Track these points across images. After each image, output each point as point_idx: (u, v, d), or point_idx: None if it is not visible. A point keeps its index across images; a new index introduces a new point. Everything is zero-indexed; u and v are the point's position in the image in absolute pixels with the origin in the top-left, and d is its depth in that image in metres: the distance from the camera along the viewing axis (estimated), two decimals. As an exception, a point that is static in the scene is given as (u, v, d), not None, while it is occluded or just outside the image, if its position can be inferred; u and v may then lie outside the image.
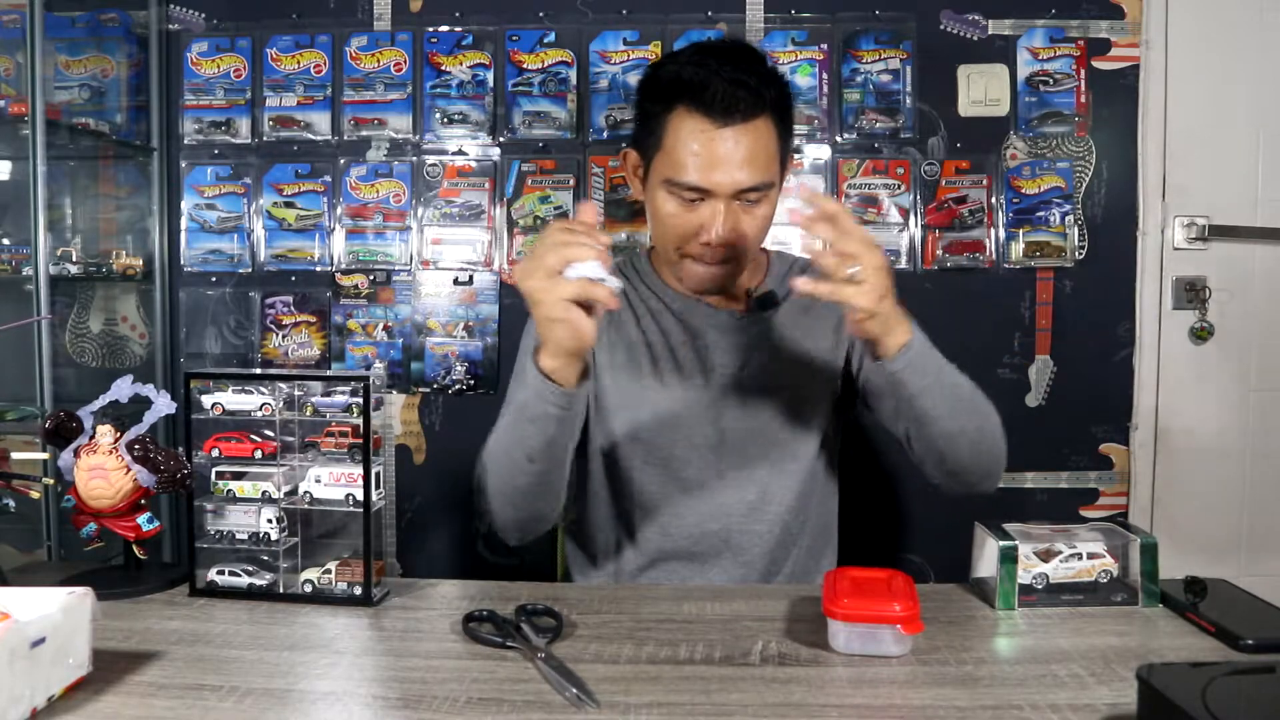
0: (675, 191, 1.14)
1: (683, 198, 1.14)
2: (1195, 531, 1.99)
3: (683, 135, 1.12)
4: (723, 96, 1.10)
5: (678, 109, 1.13)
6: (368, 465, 0.98)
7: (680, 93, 1.13)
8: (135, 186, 2.06)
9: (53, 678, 0.73)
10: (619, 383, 1.26)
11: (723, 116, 1.10)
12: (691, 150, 1.12)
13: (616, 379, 1.26)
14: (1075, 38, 1.97)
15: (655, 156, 1.17)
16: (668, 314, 1.29)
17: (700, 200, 1.14)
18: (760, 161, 1.13)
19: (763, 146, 1.13)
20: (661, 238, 1.22)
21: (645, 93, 1.20)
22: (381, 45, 2.02)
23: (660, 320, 1.28)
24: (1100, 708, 0.74)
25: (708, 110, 1.11)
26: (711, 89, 1.10)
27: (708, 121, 1.11)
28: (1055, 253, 1.98)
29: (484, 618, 0.92)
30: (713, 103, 1.10)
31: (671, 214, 1.16)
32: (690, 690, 0.78)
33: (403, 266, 2.03)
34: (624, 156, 1.26)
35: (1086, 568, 0.98)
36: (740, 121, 1.11)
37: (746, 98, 1.11)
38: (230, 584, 1.01)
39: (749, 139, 1.12)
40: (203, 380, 1.02)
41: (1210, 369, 2.00)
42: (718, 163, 1.11)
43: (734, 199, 1.13)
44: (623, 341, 1.28)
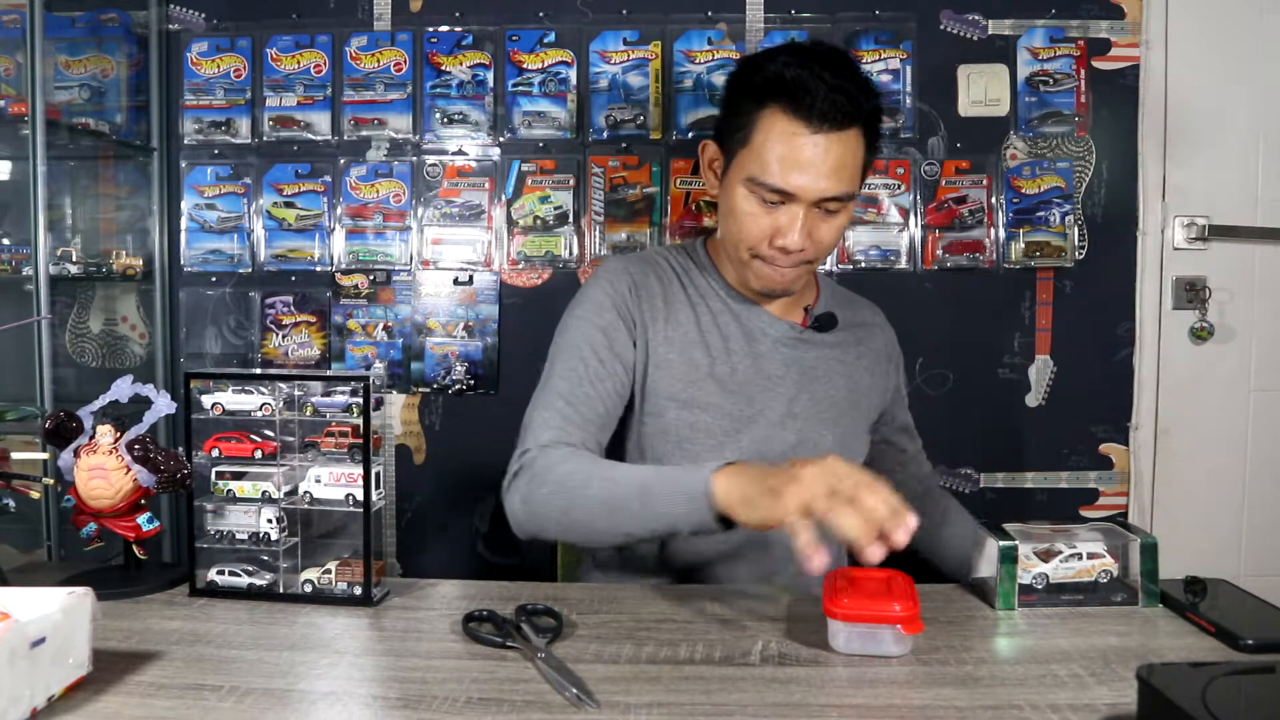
0: (757, 191, 1.13)
1: (763, 198, 1.13)
2: (1195, 531, 1.99)
3: (774, 135, 1.11)
4: (821, 101, 1.08)
5: (771, 107, 1.11)
6: (368, 465, 0.98)
7: (777, 92, 1.11)
8: (135, 186, 2.06)
9: (53, 678, 0.73)
10: (674, 376, 1.23)
11: (818, 122, 1.09)
12: (780, 152, 1.10)
13: (672, 373, 1.23)
14: (1075, 38, 1.97)
15: (740, 152, 1.15)
16: (727, 314, 1.27)
17: (781, 203, 1.13)
18: (847, 172, 1.12)
19: (851, 157, 1.12)
20: (735, 235, 1.19)
21: (738, 87, 1.18)
22: (381, 45, 2.02)
23: (719, 320, 1.26)
24: (1100, 708, 0.74)
25: (805, 114, 1.09)
26: (811, 93, 1.08)
27: (801, 125, 1.09)
28: (1055, 253, 1.98)
29: (484, 618, 0.92)
30: (811, 107, 1.08)
31: (750, 213, 1.15)
32: (690, 690, 0.78)
33: (403, 266, 2.03)
34: (702, 148, 1.25)
35: (1086, 568, 0.98)
36: (832, 129, 1.10)
37: (844, 105, 1.09)
38: (230, 584, 1.01)
39: (839, 148, 1.11)
40: (203, 380, 1.02)
41: (1210, 369, 2.00)
42: (805, 168, 1.10)
43: (814, 206, 1.13)
44: (680, 336, 1.25)
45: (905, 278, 1.98)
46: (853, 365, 1.30)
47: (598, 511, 1.02)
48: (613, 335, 1.22)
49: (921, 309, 1.97)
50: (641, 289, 1.26)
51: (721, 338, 1.25)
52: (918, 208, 1.99)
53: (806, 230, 1.13)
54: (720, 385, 1.23)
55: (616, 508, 1.01)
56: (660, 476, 1.01)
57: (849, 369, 1.30)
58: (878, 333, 1.37)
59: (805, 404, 1.25)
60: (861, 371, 1.31)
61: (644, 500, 0.99)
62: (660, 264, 1.31)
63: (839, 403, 1.28)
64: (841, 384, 1.29)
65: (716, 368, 1.24)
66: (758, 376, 1.24)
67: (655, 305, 1.25)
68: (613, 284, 1.26)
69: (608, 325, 1.22)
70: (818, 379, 1.27)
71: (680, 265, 1.31)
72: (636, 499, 1.00)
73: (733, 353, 1.25)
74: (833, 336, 1.30)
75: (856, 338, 1.33)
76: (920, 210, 1.99)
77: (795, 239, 1.12)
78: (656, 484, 0.99)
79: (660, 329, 1.24)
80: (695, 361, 1.24)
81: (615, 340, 1.22)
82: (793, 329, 1.27)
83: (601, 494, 1.02)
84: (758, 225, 1.15)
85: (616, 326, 1.23)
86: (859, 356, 1.32)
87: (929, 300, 1.98)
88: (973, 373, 2.00)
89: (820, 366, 1.28)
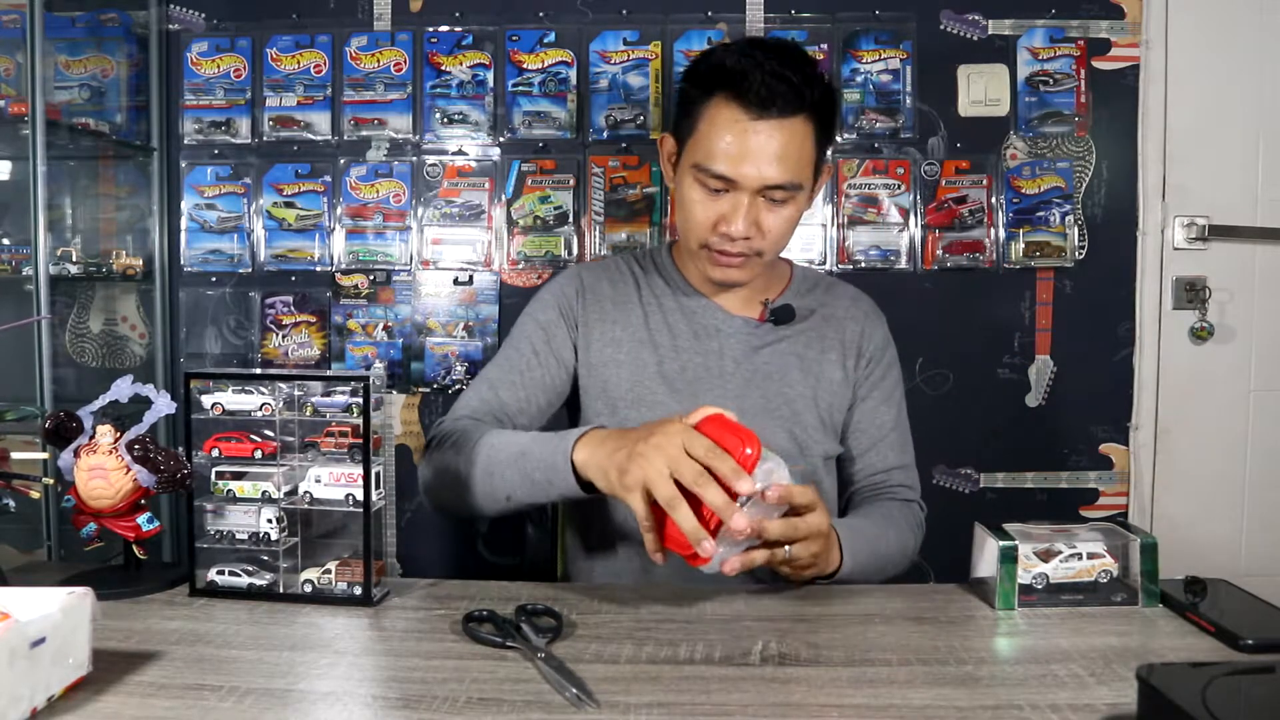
0: (702, 179, 1.14)
1: (708, 186, 1.14)
2: (1195, 531, 1.99)
3: (717, 123, 1.12)
4: (761, 88, 1.09)
5: (716, 97, 1.12)
6: (368, 465, 0.98)
7: (720, 81, 1.12)
8: (135, 186, 2.06)
9: (53, 678, 0.73)
10: (622, 376, 1.25)
11: (759, 109, 1.10)
12: (723, 139, 1.11)
13: (620, 373, 1.25)
14: (1075, 38, 1.97)
15: (689, 141, 1.17)
16: (679, 312, 1.28)
17: (725, 191, 1.14)
18: (791, 161, 1.12)
19: (796, 146, 1.12)
20: (684, 225, 1.21)
21: (688, 78, 1.20)
22: (381, 45, 2.02)
23: (670, 318, 1.28)
24: (1100, 708, 0.74)
25: (745, 101, 1.10)
26: (751, 79, 1.09)
27: (743, 112, 1.10)
28: (1055, 253, 1.98)
29: (484, 618, 0.92)
30: (751, 93, 1.09)
31: (696, 201, 1.16)
32: (690, 690, 0.78)
33: (403, 266, 2.03)
34: (661, 141, 1.26)
35: (1086, 568, 0.98)
36: (776, 116, 1.10)
37: (786, 93, 1.10)
38: (230, 584, 1.01)
39: (783, 135, 1.11)
40: (203, 380, 1.02)
41: (1210, 369, 2.00)
42: (747, 155, 1.11)
43: (759, 195, 1.13)
44: (628, 336, 1.27)
45: (905, 278, 1.98)
46: (816, 360, 1.27)
47: (479, 475, 1.07)
48: (552, 332, 1.28)
49: (921, 309, 1.97)
50: (589, 292, 1.30)
51: (671, 336, 1.26)
52: (918, 208, 1.99)
53: (751, 219, 1.13)
54: (668, 384, 1.24)
55: (494, 471, 1.05)
56: (537, 442, 1.03)
57: (810, 364, 1.27)
58: (850, 325, 1.31)
59: (756, 401, 1.24)
60: (828, 365, 1.27)
61: (519, 464, 1.03)
62: (617, 268, 1.34)
63: (795, 400, 1.25)
64: (799, 379, 1.26)
65: (665, 366, 1.25)
66: (707, 374, 1.24)
67: (603, 307, 1.29)
68: (561, 288, 1.31)
69: (548, 323, 1.28)
70: (771, 376, 1.25)
71: (639, 269, 1.34)
72: (513, 463, 1.04)
73: (681, 350, 1.26)
74: (793, 329, 1.27)
75: (822, 331, 1.29)
76: (920, 210, 1.99)
77: (739, 226, 1.13)
78: (532, 449, 1.03)
79: (607, 329, 1.27)
80: (643, 360, 1.25)
81: (554, 338, 1.27)
82: (747, 324, 1.26)
83: (485, 457, 1.07)
84: (704, 213, 1.16)
85: (557, 325, 1.28)
86: (824, 350, 1.28)
87: (929, 300, 1.98)
88: (973, 373, 2.00)
89: (775, 362, 1.26)
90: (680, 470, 0.86)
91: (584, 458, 0.97)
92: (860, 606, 0.98)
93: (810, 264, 1.93)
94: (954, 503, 1.97)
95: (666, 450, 0.88)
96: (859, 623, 0.94)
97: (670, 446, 0.88)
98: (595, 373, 1.26)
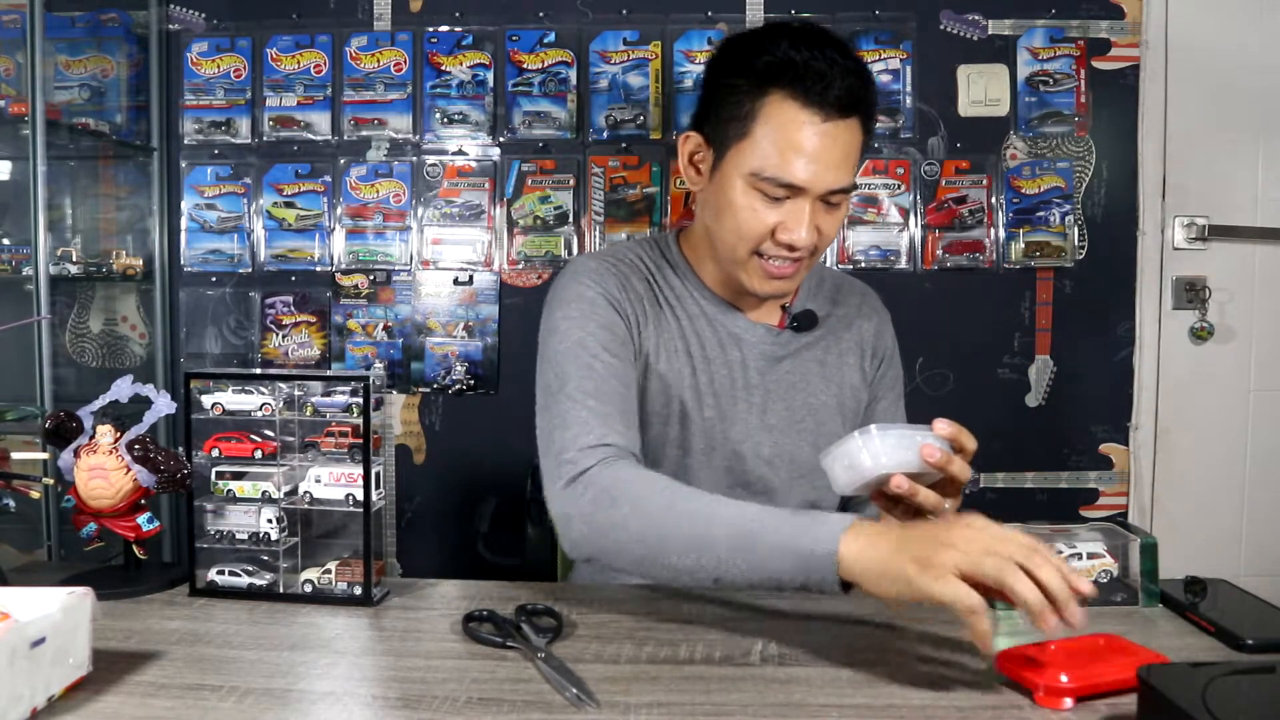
0: (761, 186, 1.04)
1: (768, 194, 1.04)
2: (1195, 531, 1.99)
3: (780, 124, 1.02)
4: (836, 87, 1.00)
5: (774, 93, 1.02)
6: (368, 465, 0.98)
7: (781, 76, 1.01)
8: (135, 186, 2.06)
9: (53, 678, 0.73)
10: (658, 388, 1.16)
11: (829, 109, 1.01)
12: (789, 142, 1.01)
13: (658, 385, 1.16)
14: (1075, 38, 1.97)
15: (737, 144, 1.05)
16: (703, 319, 1.19)
17: (787, 198, 1.04)
18: (852, 162, 1.05)
19: (855, 146, 1.05)
20: (731, 234, 1.08)
21: (729, 71, 1.07)
22: (381, 45, 2.02)
23: (697, 325, 1.18)
24: (1100, 708, 0.74)
25: (817, 101, 1.00)
26: (825, 78, 1.00)
27: (813, 112, 1.01)
28: (1055, 253, 1.98)
29: (484, 618, 0.92)
30: (824, 93, 1.00)
31: (750, 209, 1.05)
32: (690, 690, 0.78)
33: (403, 266, 2.03)
34: (683, 140, 1.14)
35: (1086, 568, 0.98)
36: (841, 117, 1.02)
37: (857, 90, 1.02)
38: (230, 584, 1.01)
39: (847, 136, 1.03)
40: (203, 380, 1.02)
41: (1210, 369, 2.00)
42: (815, 159, 1.01)
43: (818, 199, 1.05)
44: (666, 344, 1.17)
45: (905, 278, 1.98)
46: (836, 364, 1.22)
47: (683, 547, 0.89)
48: (616, 331, 1.12)
49: (921, 309, 1.97)
50: (628, 289, 1.16)
51: (701, 345, 1.18)
52: (918, 208, 1.99)
53: (814, 225, 1.05)
54: (698, 398, 1.17)
55: (705, 550, 0.88)
56: (768, 523, 0.87)
57: (831, 369, 1.22)
58: (864, 324, 1.26)
59: (780, 414, 1.18)
60: (848, 370, 1.23)
61: (746, 549, 0.87)
62: (636, 264, 1.20)
63: (819, 410, 1.20)
64: (822, 388, 1.21)
65: (698, 377, 1.17)
66: (732, 387, 1.17)
67: (642, 306, 1.16)
68: (599, 281, 1.15)
69: (610, 322, 1.12)
70: (794, 386, 1.20)
71: (653, 264, 1.21)
72: (738, 546, 0.87)
73: (710, 361, 1.18)
74: (812, 336, 1.22)
75: (839, 334, 1.24)
76: (920, 210, 1.99)
77: (803, 235, 1.04)
78: (764, 533, 0.86)
79: (648, 333, 1.16)
80: (678, 371, 1.16)
81: (618, 335, 1.12)
82: (770, 332, 1.19)
83: (689, 529, 0.90)
84: (760, 221, 1.05)
85: (616, 324, 1.13)
86: (842, 354, 1.23)
87: (929, 300, 1.98)
88: (973, 373, 2.00)
89: (798, 371, 1.20)
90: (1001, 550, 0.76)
91: (855, 554, 0.81)
92: (860, 606, 0.98)
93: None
94: (954, 503, 1.97)
95: (982, 539, 0.77)
96: (859, 623, 0.94)
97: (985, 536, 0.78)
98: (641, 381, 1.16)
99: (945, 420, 0.88)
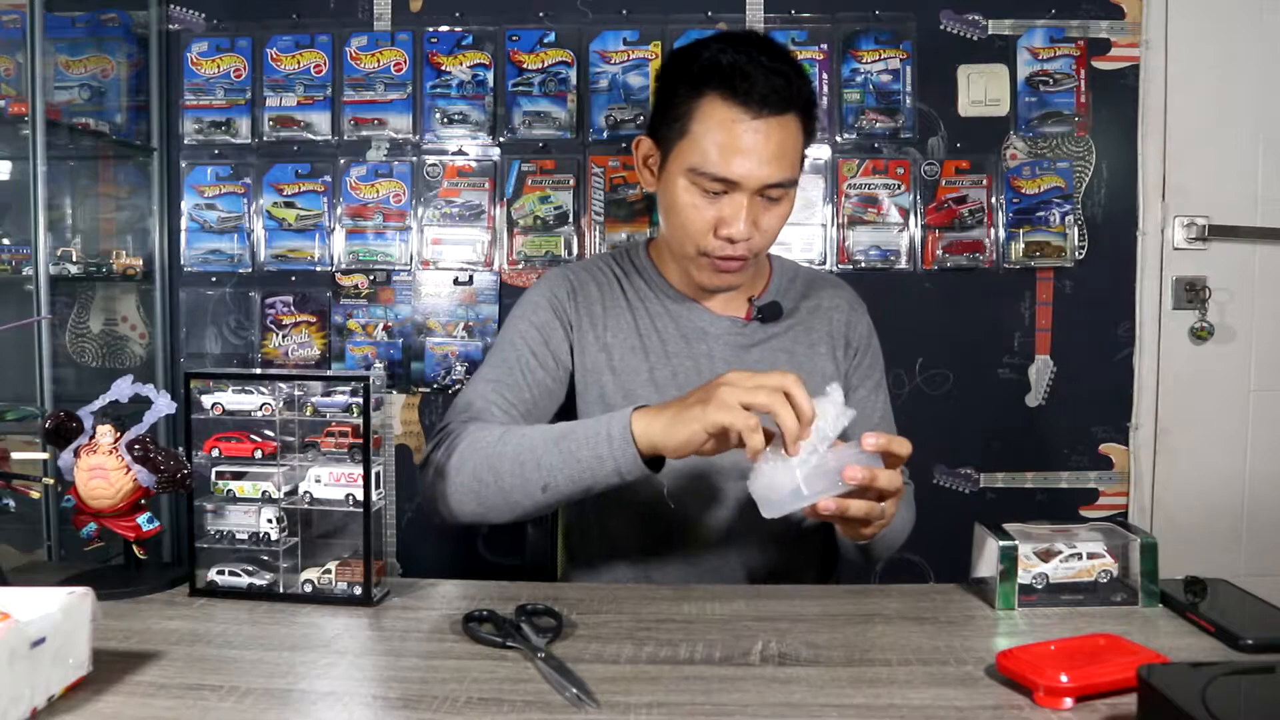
0: (699, 182, 1.11)
1: (706, 189, 1.11)
2: (1195, 531, 1.99)
3: (713, 123, 1.09)
4: (761, 86, 1.07)
5: (709, 95, 1.09)
6: (368, 465, 0.98)
7: (714, 78, 1.09)
8: (135, 186, 2.07)
9: (53, 678, 0.73)
10: (614, 383, 1.22)
11: (758, 107, 1.07)
12: (721, 139, 1.08)
13: (614, 379, 1.22)
14: (1075, 38, 1.97)
15: (679, 144, 1.13)
16: (666, 316, 1.25)
17: (724, 193, 1.11)
18: (788, 157, 1.11)
19: (791, 143, 1.11)
20: (679, 231, 1.16)
21: (672, 77, 1.16)
22: (381, 45, 2.02)
23: (658, 323, 1.25)
24: (1100, 708, 0.74)
25: (743, 99, 1.07)
26: (750, 78, 1.07)
27: (742, 110, 1.08)
28: (1055, 253, 1.98)
29: (484, 618, 0.92)
30: (750, 92, 1.07)
31: (692, 205, 1.13)
32: (690, 690, 0.78)
33: (403, 266, 2.03)
34: (636, 144, 1.22)
35: (1086, 568, 0.98)
36: (772, 114, 1.08)
37: (784, 89, 1.08)
38: (230, 584, 1.01)
39: (780, 133, 1.09)
40: (203, 380, 1.02)
41: (1210, 369, 2.00)
42: (748, 154, 1.08)
43: (757, 194, 1.11)
44: (619, 342, 1.24)
45: (905, 278, 1.98)
46: (806, 355, 1.25)
47: (510, 468, 1.01)
48: (548, 333, 1.23)
49: (921, 309, 1.97)
50: (580, 294, 1.26)
51: (660, 341, 1.24)
52: (918, 208, 1.99)
53: (752, 219, 1.11)
54: (660, 391, 1.21)
55: (528, 461, 1.00)
56: (577, 424, 1.01)
57: (800, 360, 1.25)
58: (835, 315, 1.29)
59: None
60: (818, 359, 1.26)
61: (561, 447, 0.98)
62: (600, 271, 1.30)
63: None
64: (792, 364, 1.24)
65: (656, 373, 1.22)
66: (698, 379, 1.21)
67: (594, 310, 1.25)
68: (551, 288, 1.26)
69: (543, 323, 1.23)
70: (765, 362, 1.23)
71: (620, 270, 1.29)
72: (553, 448, 0.99)
73: (672, 355, 1.23)
74: (780, 326, 1.26)
75: (809, 324, 1.27)
76: (920, 210, 1.99)
77: (741, 228, 1.10)
78: (575, 430, 0.99)
79: (599, 334, 1.23)
80: (634, 367, 1.22)
81: (551, 339, 1.23)
82: (735, 324, 1.24)
83: (514, 449, 1.01)
84: (701, 217, 1.12)
85: (552, 326, 1.23)
86: (812, 345, 1.26)
87: (929, 300, 1.98)
88: (973, 373, 2.00)
89: (766, 360, 1.24)
90: (757, 399, 0.88)
91: (644, 422, 0.94)
92: (860, 606, 0.98)
93: (810, 264, 1.93)
94: (954, 503, 1.97)
95: (746, 378, 0.90)
96: (859, 623, 0.94)
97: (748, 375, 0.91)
98: (590, 378, 1.23)
99: (873, 435, 0.92)
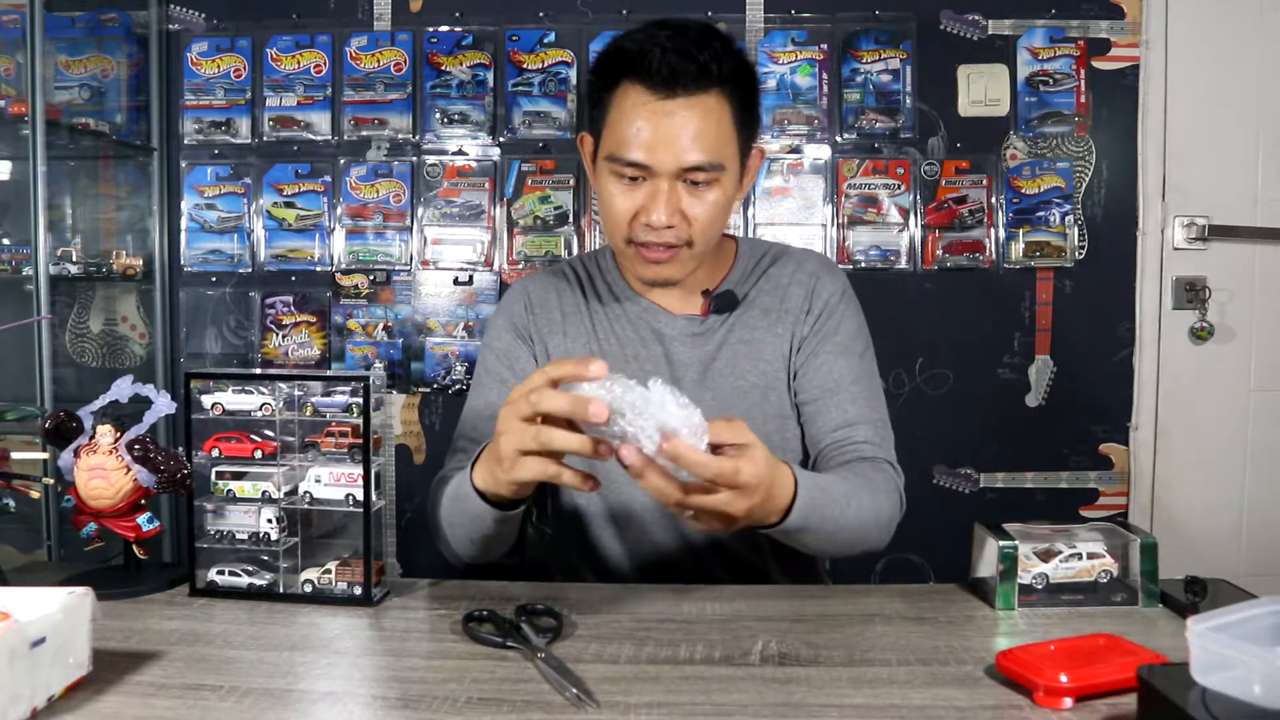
0: (616, 169, 1.08)
1: (624, 176, 1.07)
2: (1195, 531, 1.99)
3: (625, 109, 1.06)
4: (663, 66, 1.03)
5: (621, 83, 1.07)
6: (368, 465, 0.98)
7: (623, 66, 1.06)
8: (135, 186, 2.07)
9: (53, 678, 0.73)
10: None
11: (665, 88, 1.03)
12: (633, 124, 1.05)
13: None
14: (1075, 38, 1.97)
15: (601, 134, 1.10)
16: (624, 319, 1.21)
17: (643, 180, 1.07)
18: (709, 139, 1.05)
19: (712, 123, 1.05)
20: (607, 222, 1.13)
21: (593, 71, 1.13)
22: (381, 45, 2.02)
23: (616, 325, 1.21)
24: (1100, 708, 0.74)
25: (649, 82, 1.04)
26: (651, 59, 1.03)
27: (650, 94, 1.04)
28: (1055, 253, 1.98)
29: (484, 618, 0.92)
30: (654, 73, 1.03)
31: (614, 194, 1.09)
32: (690, 690, 0.78)
33: (403, 266, 2.03)
34: (580, 141, 1.19)
35: (1086, 568, 0.98)
36: (685, 94, 1.04)
37: (692, 69, 1.03)
38: (230, 584, 1.01)
39: (696, 114, 1.04)
40: (203, 380, 1.02)
41: (1210, 369, 2.00)
42: (659, 137, 1.04)
43: (679, 180, 1.06)
44: (579, 348, 1.21)
45: (905, 278, 1.98)
46: (761, 342, 1.20)
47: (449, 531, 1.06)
48: (513, 357, 1.22)
49: (921, 309, 1.97)
50: (538, 305, 1.24)
51: (619, 344, 1.20)
52: (918, 208, 1.99)
53: (673, 207, 1.06)
54: None
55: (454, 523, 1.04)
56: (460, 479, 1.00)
57: (759, 345, 1.20)
58: (794, 289, 1.22)
59: (708, 403, 1.16)
60: (776, 339, 1.20)
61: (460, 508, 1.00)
62: (564, 275, 1.27)
63: (749, 392, 1.19)
64: (749, 368, 1.20)
65: None
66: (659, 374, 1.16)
67: (553, 319, 1.23)
68: (509, 308, 1.25)
69: (505, 349, 1.22)
70: (720, 372, 1.19)
71: (585, 274, 1.26)
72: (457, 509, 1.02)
73: (630, 359, 1.19)
74: (736, 316, 1.21)
75: (765, 306, 1.21)
76: (920, 210, 1.99)
77: (661, 215, 1.06)
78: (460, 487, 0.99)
79: (559, 342, 1.22)
80: None
81: (515, 361, 1.22)
82: (690, 322, 1.20)
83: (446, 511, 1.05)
84: (622, 205, 1.09)
85: (515, 347, 1.22)
86: (770, 325, 1.20)
87: (929, 300, 1.98)
88: (973, 373, 2.00)
89: (723, 356, 1.20)
90: (526, 444, 0.83)
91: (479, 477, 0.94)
92: (860, 606, 0.98)
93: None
94: (954, 503, 1.97)
95: (506, 418, 0.85)
96: (859, 623, 0.94)
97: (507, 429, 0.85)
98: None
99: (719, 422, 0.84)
